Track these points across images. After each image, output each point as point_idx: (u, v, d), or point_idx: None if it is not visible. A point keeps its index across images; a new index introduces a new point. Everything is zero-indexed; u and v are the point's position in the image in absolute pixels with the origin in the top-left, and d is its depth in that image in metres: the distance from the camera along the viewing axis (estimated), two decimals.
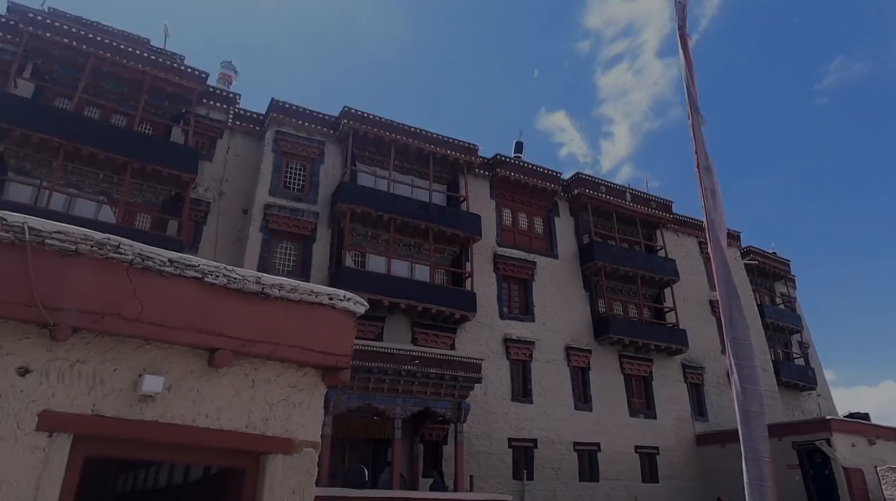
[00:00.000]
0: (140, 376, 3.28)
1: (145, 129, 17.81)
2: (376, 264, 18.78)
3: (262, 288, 3.55)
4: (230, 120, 19.34)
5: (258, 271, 16.30)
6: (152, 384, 3.27)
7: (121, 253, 3.24)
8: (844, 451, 18.42)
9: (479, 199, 21.78)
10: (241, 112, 19.65)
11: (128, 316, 3.19)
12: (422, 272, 19.36)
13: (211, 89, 19.12)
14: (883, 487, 16.51)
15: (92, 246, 3.16)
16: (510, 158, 23.19)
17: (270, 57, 79.30)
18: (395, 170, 20.31)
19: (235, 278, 3.49)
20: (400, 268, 19.04)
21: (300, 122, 19.50)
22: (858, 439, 19.21)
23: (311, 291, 3.73)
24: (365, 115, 19.68)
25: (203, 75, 18.00)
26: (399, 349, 14.28)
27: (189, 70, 17.84)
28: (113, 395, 3.22)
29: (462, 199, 20.89)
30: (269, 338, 3.50)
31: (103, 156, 15.77)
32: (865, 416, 24.16)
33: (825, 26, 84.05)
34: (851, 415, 24.08)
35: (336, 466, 15.13)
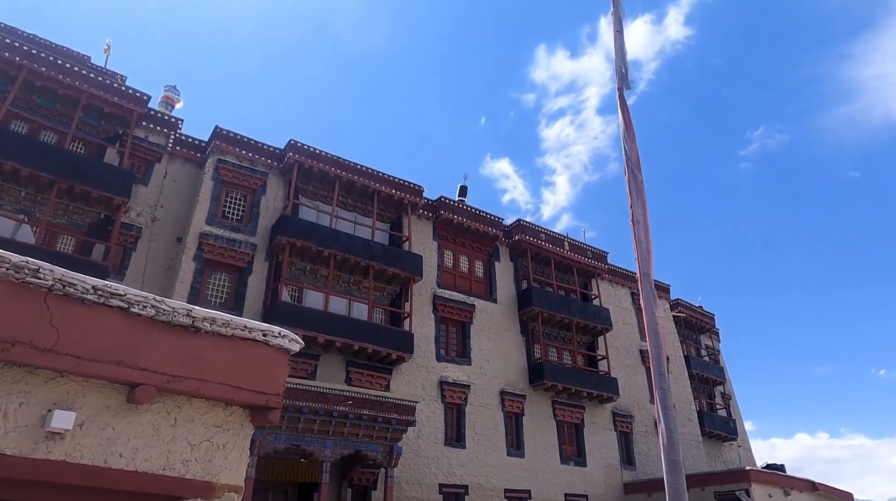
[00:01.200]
0: (49, 411, 3.04)
1: (77, 147, 17.05)
2: (313, 299, 18.40)
3: (193, 321, 3.40)
4: (170, 145, 18.80)
5: (189, 301, 15.67)
6: (62, 420, 3.03)
7: (39, 278, 3.04)
8: None
9: (421, 239, 21.87)
10: (183, 137, 19.15)
11: (41, 346, 2.97)
12: (360, 310, 19.09)
13: (152, 112, 18.59)
14: None
15: (7, 268, 2.95)
16: (454, 201, 23.50)
17: (217, 85, 78.23)
18: (339, 206, 20.18)
19: (164, 310, 3.33)
20: (338, 305, 18.70)
21: (243, 151, 19.18)
22: (775, 490, 19.92)
23: (245, 326, 3.59)
24: (311, 149, 19.58)
25: (144, 97, 17.51)
26: (332, 389, 13.89)
27: (130, 91, 17.32)
28: (16, 431, 2.96)
29: (405, 239, 20.90)
30: (197, 374, 3.33)
31: (27, 172, 14.93)
32: (781, 467, 25.15)
33: (750, 98, 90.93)
34: (769, 466, 24.99)
35: None
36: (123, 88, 17.27)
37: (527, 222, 24.91)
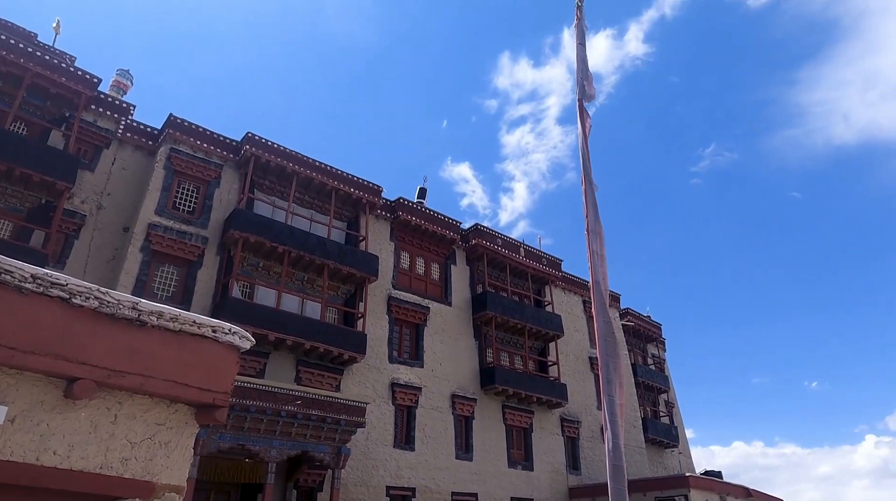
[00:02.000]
0: None
1: (19, 128, 16.25)
2: (265, 296, 18.03)
3: (139, 315, 3.27)
4: (120, 130, 18.11)
5: (134, 294, 15.13)
6: None
7: None
8: None
9: (378, 240, 21.73)
10: (134, 124, 18.48)
11: None
12: (313, 309, 18.81)
13: (102, 96, 17.88)
14: None
15: None
16: (413, 203, 23.45)
17: (173, 73, 75.91)
18: (295, 202, 19.86)
19: (109, 302, 3.19)
20: (290, 303, 18.38)
21: (198, 142, 18.65)
22: (712, 495, 20.61)
23: (194, 321, 3.48)
24: (268, 143, 19.21)
25: (94, 80, 16.81)
26: (281, 389, 13.62)
27: (78, 72, 16.61)
28: None
29: (361, 238, 20.73)
30: (141, 370, 3.20)
31: None
32: (719, 474, 26.05)
33: (703, 116, 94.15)
34: (707, 473, 25.87)
35: None
36: (72, 69, 16.54)
37: (484, 227, 25.08)
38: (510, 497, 21.28)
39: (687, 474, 21.47)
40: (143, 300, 3.38)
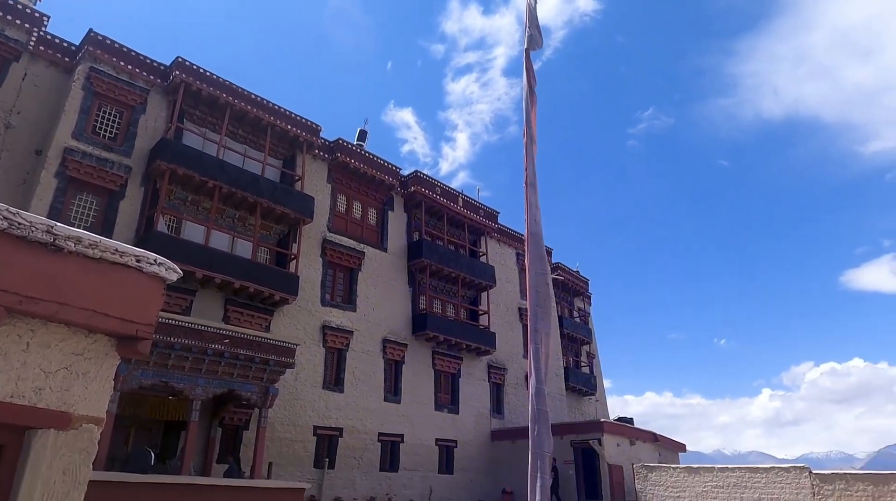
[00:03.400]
0: None
1: None
2: (193, 232, 17.34)
3: (54, 239, 3.03)
4: (32, 42, 16.51)
5: None
6: None
7: None
8: (611, 450, 21.04)
9: (314, 181, 21.18)
10: (48, 36, 16.88)
11: None
12: (244, 248, 18.29)
13: (10, 2, 16.16)
14: (636, 481, 19.19)
15: None
16: (352, 145, 22.89)
17: None
18: (228, 136, 18.95)
19: (20, 224, 2.94)
20: (220, 240, 17.78)
21: (121, 62, 17.31)
22: (623, 440, 22.08)
23: (116, 249, 3.27)
24: (200, 70, 18.07)
25: None
26: (208, 327, 13.30)
27: None
28: None
29: (297, 178, 20.13)
30: (56, 297, 3.00)
31: None
32: (630, 421, 27.86)
33: (644, 79, 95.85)
34: (620, 419, 27.58)
35: (118, 449, 13.67)
36: None
37: (424, 175, 24.89)
38: (435, 438, 22.03)
39: (602, 420, 22.83)
40: (58, 224, 3.14)
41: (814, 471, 16.23)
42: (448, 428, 22.63)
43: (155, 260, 3.58)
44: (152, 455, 12.85)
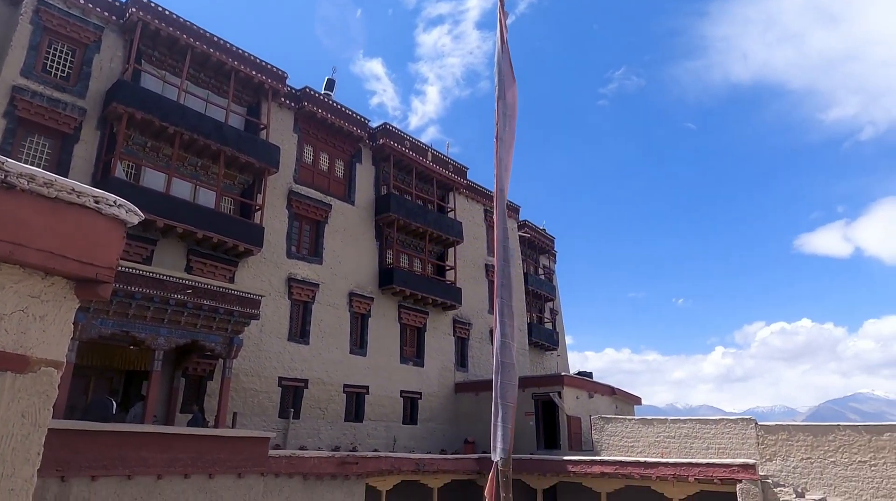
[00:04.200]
0: None
1: None
2: (153, 180, 16.78)
3: (6, 176, 2.88)
4: None
5: None
6: None
7: None
8: (570, 402, 21.76)
9: (280, 130, 20.62)
10: None
11: None
12: (206, 197, 17.83)
13: None
14: (592, 432, 19.96)
15: None
16: (320, 94, 22.27)
17: None
18: (189, 80, 18.19)
19: None
20: (181, 189, 17.28)
21: None
22: (581, 393, 22.83)
23: (73, 189, 3.13)
24: (159, 8, 17.14)
25: None
26: (170, 276, 13.05)
27: None
28: None
29: (262, 127, 19.54)
30: (9, 237, 2.86)
31: None
32: (590, 375, 28.70)
33: (617, 38, 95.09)
34: (580, 374, 28.40)
35: (78, 398, 13.51)
36: None
37: (393, 128, 24.47)
38: (400, 390, 22.39)
39: (562, 374, 23.50)
40: (9, 160, 2.98)
41: (759, 423, 17.12)
42: (413, 381, 23.01)
43: (115, 201, 3.45)
44: (114, 403, 12.76)
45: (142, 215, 3.70)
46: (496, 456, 7.61)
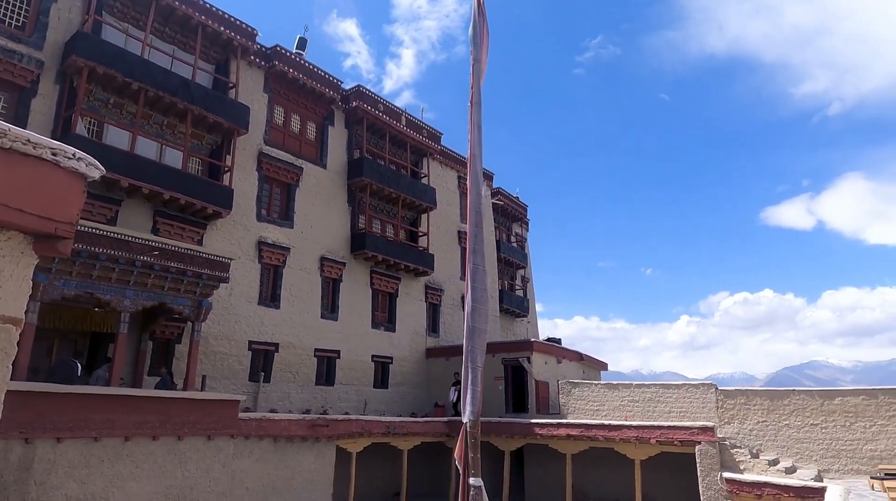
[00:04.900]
0: None
1: None
2: (117, 138, 16.22)
3: None
4: None
5: None
6: None
7: None
8: (539, 367, 22.19)
9: (250, 90, 20.04)
10: None
11: None
12: (173, 157, 17.33)
13: None
14: (560, 396, 20.43)
15: None
16: (291, 54, 21.65)
17: None
18: (154, 34, 17.47)
19: None
20: (147, 148, 16.75)
21: None
22: (550, 358, 23.29)
23: (28, 139, 2.98)
24: None
25: None
26: (136, 238, 12.74)
27: None
28: None
29: (231, 85, 18.96)
30: None
31: None
32: (558, 341, 29.25)
33: (595, 4, 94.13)
34: (549, 340, 28.93)
35: (41, 360, 13.25)
36: None
37: (367, 90, 24.01)
38: (371, 354, 22.52)
39: (532, 340, 23.89)
40: None
41: (719, 388, 17.74)
42: (384, 346, 23.14)
43: (74, 154, 3.31)
44: (78, 365, 12.55)
45: (102, 169, 3.56)
46: (465, 419, 7.74)
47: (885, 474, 12.91)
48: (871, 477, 13.19)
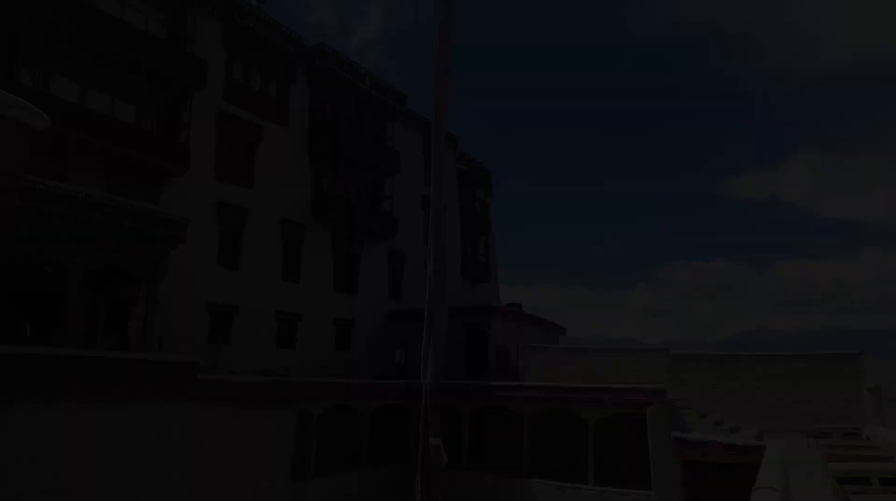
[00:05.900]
0: None
1: None
2: (65, 89, 15.41)
3: None
4: None
5: None
6: None
7: None
8: (499, 332, 22.55)
9: (207, 44, 19.21)
10: None
11: None
12: (126, 112, 16.62)
13: None
14: (520, 360, 20.88)
15: None
16: (251, 5, 20.79)
17: None
18: None
19: None
20: (98, 102, 15.99)
21: None
22: (510, 323, 23.67)
23: None
24: None
25: None
26: (87, 195, 12.24)
27: None
28: None
29: (187, 39, 18.15)
30: None
31: None
32: (519, 306, 29.70)
33: None
34: (510, 305, 29.35)
35: None
36: None
37: (331, 49, 23.32)
38: (333, 317, 22.48)
39: (493, 305, 24.20)
40: None
41: (672, 353, 18.41)
42: (346, 309, 23.10)
43: (15, 102, 3.13)
44: (28, 326, 12.17)
45: (47, 118, 3.38)
46: (426, 382, 7.83)
47: (821, 431, 13.73)
48: (808, 435, 14.01)
